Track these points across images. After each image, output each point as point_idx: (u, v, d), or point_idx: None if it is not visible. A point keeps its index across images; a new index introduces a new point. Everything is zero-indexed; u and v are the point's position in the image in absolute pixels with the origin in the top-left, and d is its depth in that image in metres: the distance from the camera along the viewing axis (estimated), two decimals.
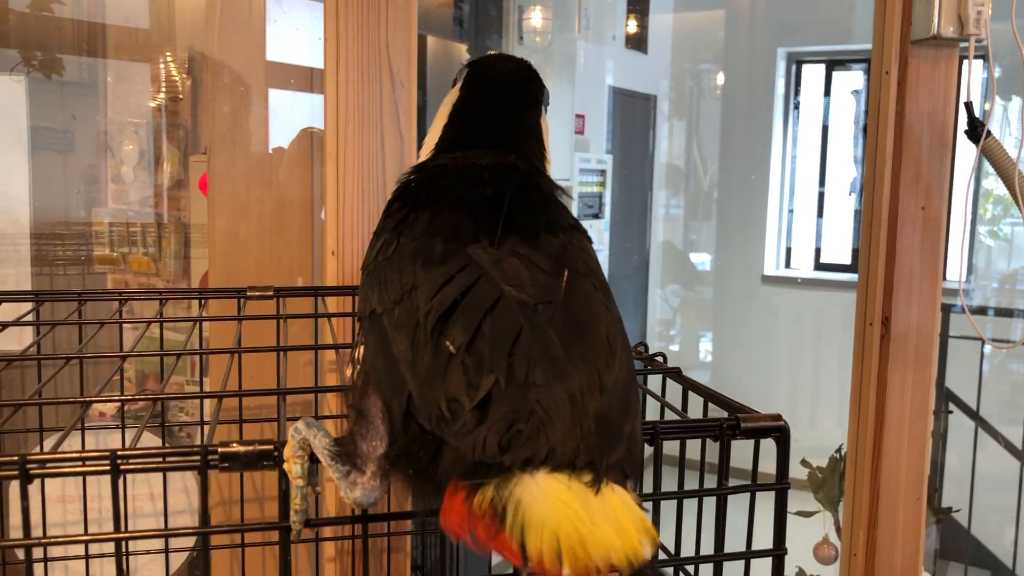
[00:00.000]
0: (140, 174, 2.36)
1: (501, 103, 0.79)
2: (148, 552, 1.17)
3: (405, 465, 0.56)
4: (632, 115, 5.41)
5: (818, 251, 5.62)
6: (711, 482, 0.65)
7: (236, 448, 0.52)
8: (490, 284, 0.57)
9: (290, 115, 1.54)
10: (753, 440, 0.62)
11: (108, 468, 0.51)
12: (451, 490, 0.51)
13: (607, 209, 4.86)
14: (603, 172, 4.83)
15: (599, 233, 4.80)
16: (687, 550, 0.69)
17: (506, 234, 0.62)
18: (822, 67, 5.53)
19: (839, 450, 2.70)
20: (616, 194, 5.01)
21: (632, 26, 5.16)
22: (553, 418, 0.51)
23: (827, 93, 5.54)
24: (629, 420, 0.55)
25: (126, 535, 0.54)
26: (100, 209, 2.27)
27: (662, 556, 0.73)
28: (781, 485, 0.59)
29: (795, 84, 5.58)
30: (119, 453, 0.51)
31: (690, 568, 0.72)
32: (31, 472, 0.51)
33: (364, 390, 0.59)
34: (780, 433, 0.59)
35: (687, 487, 0.65)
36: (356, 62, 1.28)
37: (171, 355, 0.94)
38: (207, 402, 1.19)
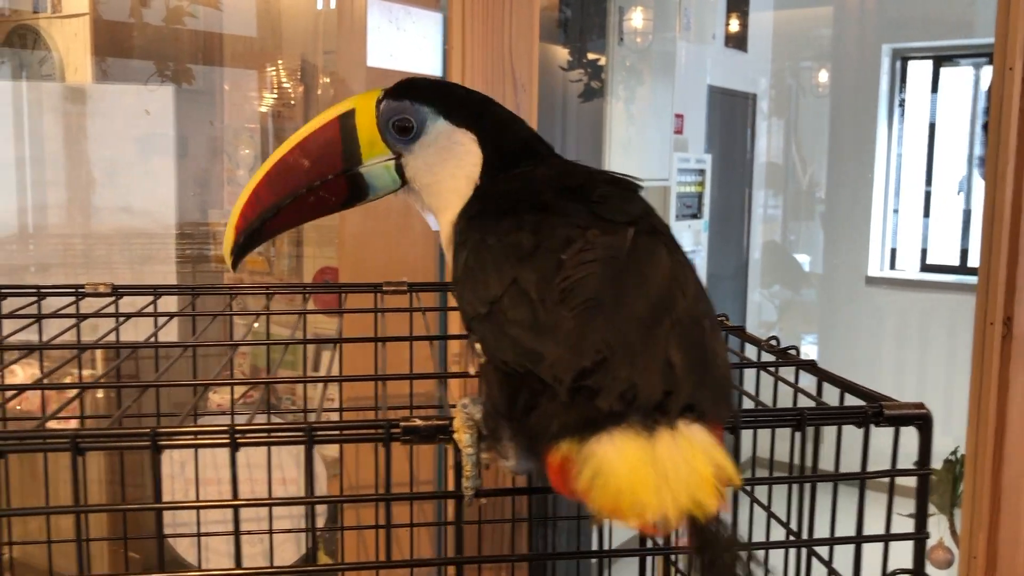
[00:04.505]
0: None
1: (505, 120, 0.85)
2: (290, 531, 1.26)
3: (516, 430, 0.61)
4: (731, 114, 5.36)
5: (924, 252, 5.46)
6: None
7: (417, 422, 0.57)
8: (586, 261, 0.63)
9: None
10: (893, 428, 0.64)
11: (305, 439, 0.56)
12: (547, 448, 0.56)
13: (706, 209, 4.83)
14: (702, 172, 4.80)
15: (697, 234, 4.77)
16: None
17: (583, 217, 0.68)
18: (929, 63, 5.37)
19: (954, 453, 2.65)
20: (715, 194, 4.98)
21: (733, 24, 5.11)
22: (628, 363, 0.56)
23: (934, 90, 5.38)
24: (710, 352, 0.59)
25: (313, 499, 0.59)
26: (216, 211, 2.39)
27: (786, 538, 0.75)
28: (924, 471, 0.61)
29: (900, 81, 5.44)
30: (314, 425, 0.57)
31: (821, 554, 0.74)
32: (239, 441, 0.57)
33: (487, 373, 0.65)
34: (923, 421, 0.61)
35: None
36: (480, 69, 1.33)
37: (316, 343, 1.00)
38: (327, 387, 1.28)
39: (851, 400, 0.72)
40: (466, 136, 0.81)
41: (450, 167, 0.81)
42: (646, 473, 0.52)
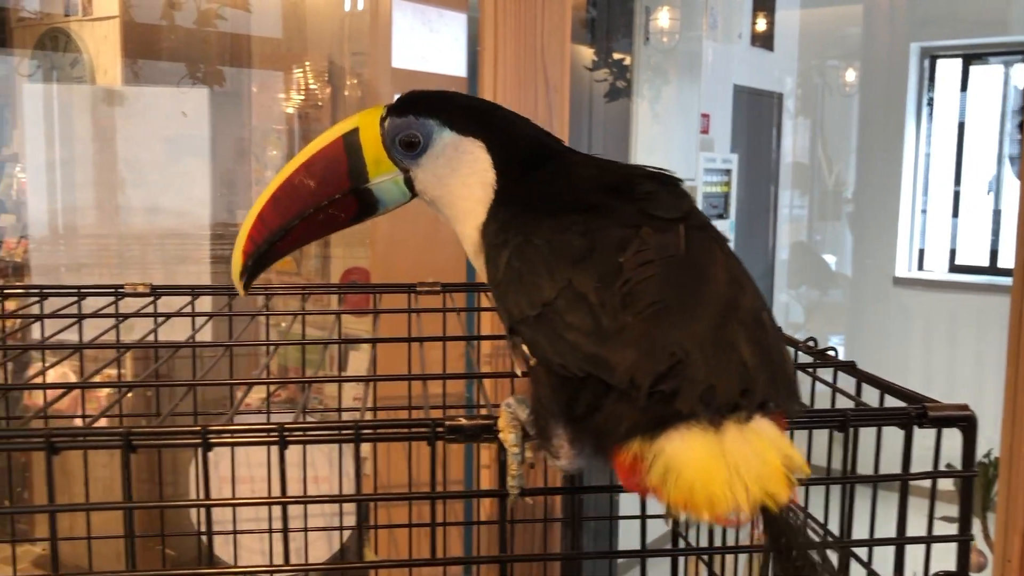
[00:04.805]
0: None
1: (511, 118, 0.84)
2: (326, 528, 1.27)
3: (576, 431, 0.62)
4: (757, 113, 5.34)
5: (953, 252, 5.41)
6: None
7: (461, 422, 0.58)
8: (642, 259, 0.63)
9: None
10: (935, 430, 0.64)
11: (352, 437, 0.57)
12: (616, 448, 0.57)
13: (732, 209, 4.81)
14: (728, 171, 4.78)
15: (724, 234, 4.76)
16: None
17: (629, 215, 0.68)
18: (958, 62, 5.33)
19: (987, 455, 2.63)
20: (741, 194, 4.96)
21: (759, 23, 5.09)
22: (704, 364, 0.57)
23: (963, 88, 5.33)
24: (774, 348, 0.60)
25: (361, 496, 0.60)
26: (245, 212, 2.41)
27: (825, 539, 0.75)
28: (968, 472, 0.61)
29: (928, 80, 5.40)
30: (360, 424, 0.58)
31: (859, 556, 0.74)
32: (287, 439, 0.58)
33: (537, 375, 0.64)
34: (967, 422, 0.61)
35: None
36: (513, 69, 1.34)
37: (352, 343, 1.01)
38: (361, 387, 1.29)
39: (891, 401, 0.72)
40: (473, 144, 0.80)
41: (461, 176, 0.81)
42: (717, 466, 0.53)
